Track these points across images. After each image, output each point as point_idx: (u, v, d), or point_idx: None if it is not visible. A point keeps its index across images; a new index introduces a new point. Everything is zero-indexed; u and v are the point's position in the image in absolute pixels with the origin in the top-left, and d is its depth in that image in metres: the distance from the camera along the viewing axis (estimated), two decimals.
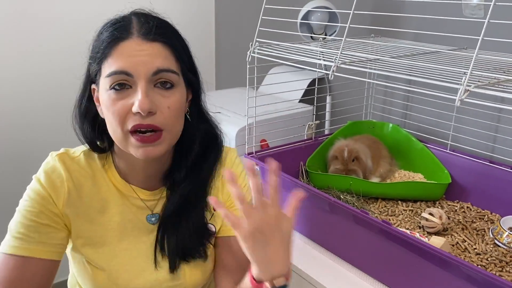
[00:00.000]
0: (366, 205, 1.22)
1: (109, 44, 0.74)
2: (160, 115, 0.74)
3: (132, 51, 0.73)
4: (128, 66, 0.72)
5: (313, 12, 1.40)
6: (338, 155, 1.28)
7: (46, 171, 0.81)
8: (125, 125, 0.74)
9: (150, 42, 0.74)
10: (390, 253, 0.95)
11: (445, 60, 1.00)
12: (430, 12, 1.34)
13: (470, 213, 1.19)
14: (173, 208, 0.85)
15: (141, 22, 0.76)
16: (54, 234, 0.80)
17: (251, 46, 1.11)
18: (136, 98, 0.72)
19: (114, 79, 0.73)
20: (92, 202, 0.83)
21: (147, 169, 0.85)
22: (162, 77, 0.74)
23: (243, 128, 1.40)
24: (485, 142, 1.25)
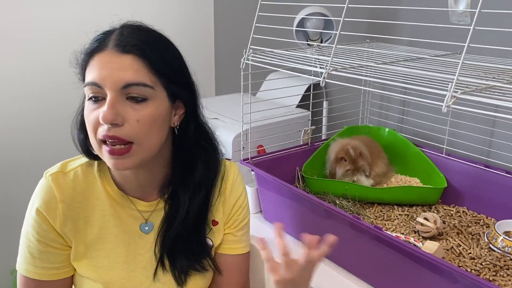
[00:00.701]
0: (362, 210, 1.23)
1: (85, 56, 0.77)
2: (127, 127, 0.73)
3: (104, 63, 0.74)
4: (98, 78, 0.73)
5: (309, 18, 1.41)
6: (345, 155, 1.27)
7: (40, 195, 0.82)
8: (97, 134, 0.75)
9: (122, 55, 0.73)
10: (383, 259, 0.95)
11: (438, 66, 1.00)
12: (423, 18, 1.35)
13: (465, 217, 1.20)
14: (175, 224, 0.85)
15: (119, 34, 0.76)
16: (57, 257, 0.83)
17: (244, 53, 1.12)
18: (102, 108, 0.73)
19: (89, 90, 0.75)
20: (89, 217, 0.84)
21: (139, 179, 0.85)
22: (131, 91, 0.73)
23: (239, 134, 1.41)
24: (480, 147, 1.26)
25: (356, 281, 1.03)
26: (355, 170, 1.28)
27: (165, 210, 0.88)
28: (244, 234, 0.97)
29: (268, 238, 1.19)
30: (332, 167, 1.30)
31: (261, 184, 1.26)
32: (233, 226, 0.95)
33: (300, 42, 1.44)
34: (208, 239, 0.92)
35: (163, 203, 0.88)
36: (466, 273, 0.79)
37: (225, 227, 0.94)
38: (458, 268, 0.81)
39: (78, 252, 0.84)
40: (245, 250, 0.97)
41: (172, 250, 0.86)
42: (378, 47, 1.34)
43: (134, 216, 0.87)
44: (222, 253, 0.95)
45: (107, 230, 0.85)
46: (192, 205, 0.86)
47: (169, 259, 0.87)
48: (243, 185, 0.97)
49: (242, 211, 0.96)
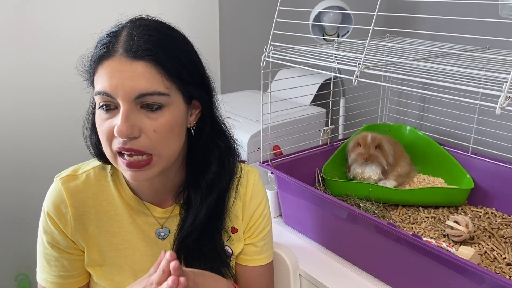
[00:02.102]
0: (386, 213, 1.18)
1: (93, 63, 0.71)
2: (145, 139, 0.68)
3: (114, 71, 0.67)
4: (109, 89, 0.67)
5: (325, 12, 1.35)
6: (361, 141, 1.24)
7: (50, 199, 0.79)
8: (111, 146, 0.70)
9: (133, 61, 0.67)
10: (418, 266, 0.90)
11: (469, 62, 0.95)
12: (445, 11, 1.29)
13: (495, 219, 1.15)
14: (191, 231, 0.81)
15: (127, 36, 0.69)
16: (73, 264, 0.81)
17: (265, 50, 1.06)
18: (116, 121, 0.68)
19: (101, 99, 0.69)
20: (101, 223, 0.80)
21: (154, 185, 0.81)
22: (146, 100, 0.68)
23: (255, 134, 1.36)
24: (508, 145, 1.21)
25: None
26: (367, 159, 1.23)
27: (181, 216, 0.83)
28: (266, 244, 0.92)
29: (288, 242, 1.15)
30: (349, 155, 1.27)
31: (282, 187, 1.20)
32: (253, 235, 0.90)
33: (316, 37, 1.38)
34: (227, 246, 0.87)
35: (179, 208, 0.84)
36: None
37: (245, 236, 0.89)
38: (505, 278, 0.76)
39: (92, 259, 0.81)
40: (265, 261, 0.91)
41: (188, 257, 0.82)
42: (399, 41, 1.29)
43: (149, 222, 0.83)
44: (242, 264, 0.90)
45: (121, 237, 0.81)
46: (202, 207, 0.80)
47: (185, 266, 0.81)
48: (264, 192, 0.92)
49: (263, 220, 0.90)
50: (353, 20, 1.35)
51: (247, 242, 0.89)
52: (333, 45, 1.24)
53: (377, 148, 1.24)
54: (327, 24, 1.34)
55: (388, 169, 1.26)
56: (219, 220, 0.84)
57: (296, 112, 1.45)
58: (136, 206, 0.82)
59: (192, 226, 0.80)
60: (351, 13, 1.34)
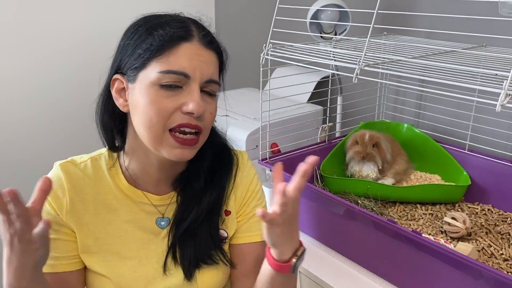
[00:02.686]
0: (384, 210, 1.18)
1: (169, 42, 0.73)
2: (204, 119, 0.75)
3: (194, 54, 0.73)
4: (189, 68, 0.72)
5: (323, 10, 1.36)
6: (359, 139, 1.25)
7: None
8: (167, 123, 0.73)
9: (208, 50, 0.75)
10: (417, 262, 0.91)
11: (467, 60, 0.96)
12: (442, 9, 1.30)
13: (492, 215, 1.16)
14: (190, 216, 0.82)
15: (199, 28, 0.76)
16: (67, 247, 0.80)
17: (264, 48, 1.06)
18: (190, 99, 0.72)
19: (170, 78, 0.72)
20: (98, 210, 0.81)
21: (162, 172, 0.82)
22: (210, 87, 0.76)
23: (253, 132, 1.36)
24: (505, 142, 1.22)
25: (387, 286, 0.99)
26: (364, 157, 1.23)
27: (178, 203, 0.85)
28: (259, 220, 0.91)
29: None
30: (346, 152, 1.27)
31: None
32: (246, 212, 0.89)
33: (314, 35, 1.38)
34: (222, 230, 0.87)
35: (176, 196, 0.85)
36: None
37: (238, 215, 0.90)
38: (505, 273, 0.77)
39: (86, 245, 0.81)
40: (261, 238, 0.90)
41: (183, 243, 0.83)
42: (397, 39, 1.29)
43: (147, 210, 0.84)
44: (237, 243, 0.89)
45: (117, 225, 0.82)
46: (205, 195, 0.84)
47: (180, 251, 0.83)
48: (254, 170, 0.93)
49: (256, 196, 0.91)
50: (350, 18, 1.35)
51: (240, 220, 0.89)
52: (332, 43, 1.24)
53: (375, 147, 1.25)
54: (325, 22, 1.34)
55: (385, 166, 1.27)
56: (218, 207, 0.86)
57: (293, 110, 1.45)
58: (133, 195, 0.83)
59: (196, 214, 0.82)
60: (348, 11, 1.35)
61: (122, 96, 0.77)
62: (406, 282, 0.96)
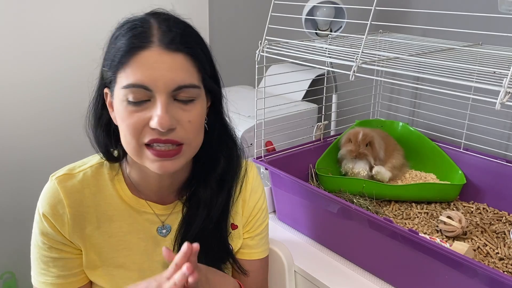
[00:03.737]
0: (379, 208, 1.18)
1: (126, 53, 0.66)
2: (180, 130, 0.68)
3: (152, 63, 0.65)
4: (147, 80, 0.65)
5: (319, 7, 1.34)
6: (352, 137, 1.24)
7: (46, 199, 0.76)
8: (140, 138, 0.68)
9: (172, 53, 0.66)
10: (414, 262, 0.91)
11: (465, 58, 0.95)
12: (438, 6, 1.29)
13: (487, 214, 1.16)
14: (201, 228, 0.79)
15: (162, 28, 0.68)
16: (71, 264, 0.78)
17: (260, 44, 1.05)
18: (155, 113, 0.66)
19: (131, 92, 0.66)
20: (100, 223, 0.78)
21: (162, 181, 0.79)
22: (182, 93, 0.68)
23: (248, 130, 1.34)
24: (500, 141, 1.22)
25: (382, 285, 0.99)
26: (356, 156, 1.23)
27: (183, 213, 0.82)
28: (263, 238, 0.91)
29: (282, 238, 1.14)
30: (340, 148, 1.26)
31: (275, 183, 1.19)
32: (252, 229, 0.89)
33: (309, 31, 1.37)
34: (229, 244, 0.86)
35: (181, 205, 0.82)
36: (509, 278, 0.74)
37: (244, 231, 0.89)
38: (501, 273, 0.76)
39: (90, 260, 0.78)
40: (263, 255, 0.91)
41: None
42: (393, 37, 1.29)
43: (150, 220, 0.81)
44: (240, 258, 0.89)
45: (120, 237, 0.79)
46: (215, 204, 0.80)
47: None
48: (262, 187, 0.91)
49: (262, 214, 0.90)
50: (346, 15, 1.34)
51: (246, 236, 0.89)
52: (327, 40, 1.23)
53: (368, 145, 1.24)
54: (320, 19, 1.33)
55: (378, 163, 1.26)
56: (226, 216, 0.83)
57: (288, 108, 1.44)
58: (136, 205, 0.80)
59: (205, 222, 0.79)
60: (344, 8, 1.34)
61: (113, 110, 0.74)
62: (402, 281, 0.96)
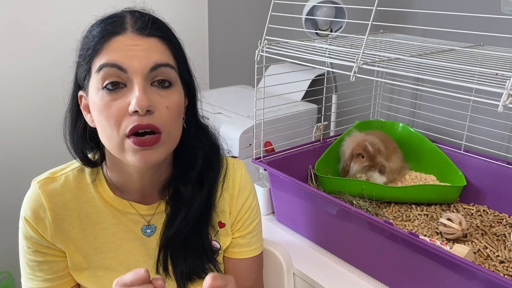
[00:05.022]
0: (379, 210, 1.17)
1: (100, 40, 0.67)
2: (158, 115, 0.67)
3: (126, 45, 0.66)
4: (122, 61, 0.65)
5: (319, 7, 1.33)
6: (362, 151, 1.20)
7: (28, 204, 0.76)
8: (121, 128, 0.67)
9: (146, 37, 0.68)
10: (414, 264, 0.90)
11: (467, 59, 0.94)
12: (439, 6, 1.29)
13: (487, 216, 1.15)
14: (180, 227, 0.79)
15: (135, 17, 0.70)
16: (57, 267, 0.78)
17: (259, 44, 1.04)
18: (132, 96, 0.65)
19: (106, 74, 0.66)
20: (83, 225, 0.78)
21: (143, 180, 0.78)
22: (160, 73, 0.68)
23: (246, 130, 1.34)
24: (501, 143, 1.21)
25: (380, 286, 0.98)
26: (372, 166, 1.21)
27: (167, 212, 0.81)
28: (254, 236, 0.90)
29: (281, 240, 1.13)
30: (347, 164, 1.23)
31: (274, 184, 1.18)
32: (242, 228, 0.88)
33: (309, 31, 1.36)
34: (215, 241, 0.85)
35: (164, 204, 0.82)
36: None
37: (233, 230, 0.88)
38: (502, 276, 0.75)
39: (75, 263, 0.78)
40: (255, 253, 0.90)
41: (173, 253, 0.80)
42: (393, 37, 1.28)
43: (134, 220, 0.81)
44: (230, 257, 0.88)
45: (105, 238, 0.79)
46: (194, 202, 0.80)
47: (171, 263, 0.80)
48: (252, 185, 0.90)
49: (252, 213, 0.89)
50: (346, 15, 1.33)
51: (236, 236, 0.88)
52: (327, 40, 1.22)
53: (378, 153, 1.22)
54: (321, 18, 1.32)
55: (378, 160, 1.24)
56: (207, 216, 0.83)
57: (287, 108, 1.43)
58: (120, 206, 0.79)
59: (185, 221, 0.79)
60: (344, 8, 1.33)
61: (89, 112, 0.73)
62: (401, 284, 0.95)
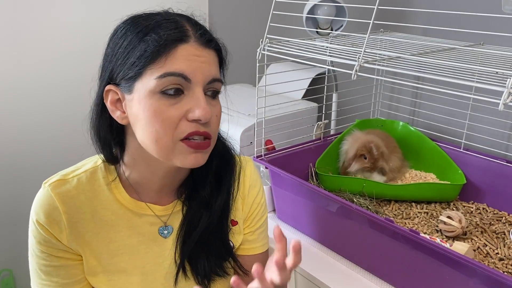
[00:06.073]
0: (379, 208, 1.18)
1: (164, 46, 0.67)
2: (211, 123, 0.71)
3: (191, 55, 0.68)
4: (187, 71, 0.67)
5: (320, 6, 1.34)
6: (366, 153, 1.21)
7: (40, 207, 0.73)
8: (176, 132, 0.68)
9: (207, 49, 0.70)
10: (415, 262, 0.90)
11: (466, 57, 0.95)
12: (440, 6, 1.29)
13: (486, 214, 1.16)
14: (200, 226, 0.79)
15: (193, 24, 0.71)
16: (74, 270, 0.76)
17: (261, 43, 1.04)
18: (195, 104, 0.68)
19: (169, 82, 0.67)
20: (97, 228, 0.76)
21: (165, 179, 0.78)
22: (214, 86, 0.71)
23: (247, 128, 1.34)
24: (500, 141, 1.21)
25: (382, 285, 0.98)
26: (372, 169, 1.22)
27: (183, 212, 0.81)
28: (262, 232, 0.91)
29: None
30: (349, 163, 1.24)
31: (275, 182, 1.19)
32: (251, 224, 0.89)
33: (309, 30, 1.37)
34: (230, 241, 0.86)
35: (180, 205, 0.82)
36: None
37: (244, 226, 0.88)
38: (502, 273, 0.76)
39: (90, 267, 0.77)
40: (263, 249, 0.91)
41: (194, 254, 0.80)
42: (394, 36, 1.28)
43: (150, 222, 0.80)
44: (239, 254, 0.89)
45: (120, 242, 0.77)
46: (215, 201, 0.81)
47: (190, 264, 0.80)
48: (260, 181, 0.92)
49: (261, 208, 0.90)
50: (347, 14, 1.34)
51: (246, 232, 0.88)
52: (328, 39, 1.23)
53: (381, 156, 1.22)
54: (321, 17, 1.32)
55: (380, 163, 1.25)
56: (226, 213, 0.84)
57: (288, 107, 1.43)
58: (135, 208, 0.78)
59: (207, 222, 0.79)
60: (345, 7, 1.33)
61: (119, 108, 0.72)
62: (402, 281, 0.96)
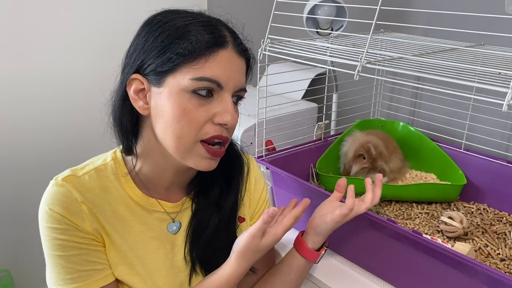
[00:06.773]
0: (380, 208, 1.17)
1: (205, 48, 0.68)
2: (230, 130, 0.75)
3: (228, 62, 0.70)
4: (222, 78, 0.69)
5: (320, 6, 1.34)
6: (365, 153, 1.21)
7: (58, 201, 0.71)
8: (200, 133, 0.70)
9: (241, 58, 0.73)
10: (417, 262, 0.90)
11: (467, 58, 0.95)
12: (441, 6, 1.29)
13: (487, 215, 1.16)
14: (210, 224, 0.80)
15: (229, 30, 0.73)
16: (100, 254, 0.74)
17: (262, 43, 1.04)
18: (223, 109, 0.70)
19: (203, 85, 0.69)
20: (113, 223, 0.76)
21: (177, 176, 0.80)
22: (240, 94, 0.75)
23: (248, 129, 1.34)
24: (501, 141, 1.22)
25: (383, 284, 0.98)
26: (372, 169, 1.22)
27: (192, 210, 0.82)
28: None
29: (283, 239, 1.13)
30: (349, 165, 1.24)
31: (276, 183, 1.18)
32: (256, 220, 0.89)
33: (310, 30, 1.36)
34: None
35: (189, 201, 0.83)
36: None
37: (251, 223, 0.90)
38: (504, 274, 0.76)
39: (111, 257, 0.75)
40: None
41: (204, 252, 0.81)
42: (395, 37, 1.28)
43: (160, 218, 0.81)
44: None
45: (134, 237, 0.77)
46: (225, 199, 0.83)
47: (200, 262, 0.81)
48: (264, 177, 0.94)
49: (266, 204, 0.93)
50: (347, 14, 1.34)
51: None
52: (329, 39, 1.23)
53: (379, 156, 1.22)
54: (322, 17, 1.32)
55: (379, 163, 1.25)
56: (235, 211, 0.85)
57: (288, 107, 1.43)
58: (146, 204, 0.79)
59: (219, 218, 0.81)
60: (345, 7, 1.33)
61: (141, 98, 0.71)
62: (403, 282, 0.95)
